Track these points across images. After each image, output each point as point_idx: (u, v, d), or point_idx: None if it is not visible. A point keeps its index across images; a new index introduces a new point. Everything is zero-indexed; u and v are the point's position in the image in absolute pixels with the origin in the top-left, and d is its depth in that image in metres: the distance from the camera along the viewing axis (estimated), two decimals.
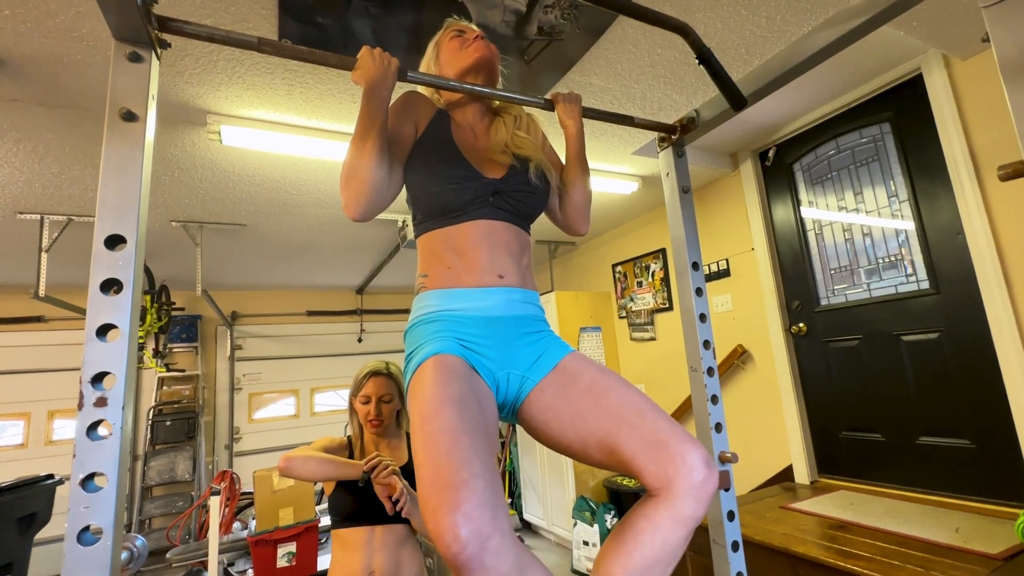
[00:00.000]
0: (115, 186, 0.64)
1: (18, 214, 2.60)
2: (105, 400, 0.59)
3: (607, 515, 3.07)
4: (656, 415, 0.78)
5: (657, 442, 0.74)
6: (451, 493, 0.61)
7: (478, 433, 0.70)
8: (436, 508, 0.61)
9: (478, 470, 0.64)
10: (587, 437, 0.79)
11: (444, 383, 0.74)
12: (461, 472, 0.63)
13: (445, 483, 0.63)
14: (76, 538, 0.55)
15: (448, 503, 0.60)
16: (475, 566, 0.59)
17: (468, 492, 0.61)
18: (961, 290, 2.00)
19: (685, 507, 0.70)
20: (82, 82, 1.65)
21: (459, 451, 0.66)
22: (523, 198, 0.94)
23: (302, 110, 1.92)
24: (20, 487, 1.91)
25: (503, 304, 0.88)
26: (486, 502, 0.61)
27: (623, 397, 0.80)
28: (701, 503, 0.71)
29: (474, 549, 0.59)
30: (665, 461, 0.72)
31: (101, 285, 0.61)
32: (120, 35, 0.67)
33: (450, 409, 0.71)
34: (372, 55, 0.84)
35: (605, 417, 0.78)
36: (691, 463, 0.71)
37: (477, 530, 0.59)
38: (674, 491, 0.71)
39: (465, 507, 0.60)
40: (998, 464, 1.91)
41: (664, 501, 0.71)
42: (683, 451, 0.72)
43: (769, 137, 2.71)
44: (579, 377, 0.84)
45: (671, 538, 0.70)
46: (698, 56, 0.93)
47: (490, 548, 0.59)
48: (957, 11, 1.64)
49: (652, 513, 0.71)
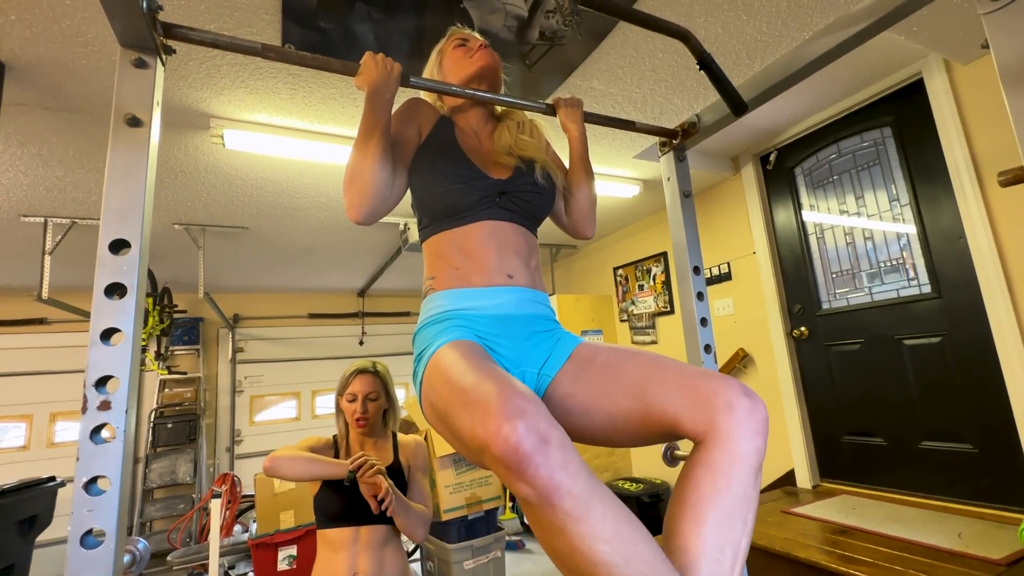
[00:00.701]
0: (120, 191, 0.64)
1: (22, 217, 2.61)
2: (109, 404, 0.59)
3: None
4: (679, 365, 0.74)
5: (687, 387, 0.69)
6: (495, 397, 0.56)
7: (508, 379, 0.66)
8: (483, 416, 0.55)
9: (518, 383, 0.60)
10: (614, 411, 0.75)
11: (465, 348, 0.73)
12: (501, 383, 0.58)
13: (486, 393, 0.57)
14: (79, 541, 0.55)
15: (496, 403, 0.55)
16: (540, 459, 0.51)
17: (514, 392, 0.56)
18: (963, 294, 2.00)
19: (739, 441, 0.63)
20: (87, 87, 1.66)
21: (495, 373, 0.62)
22: (530, 198, 0.94)
23: (305, 114, 1.93)
24: (22, 489, 1.91)
25: (514, 303, 0.87)
26: (537, 402, 0.55)
27: (642, 361, 0.77)
28: (757, 433, 0.64)
29: (535, 440, 0.51)
30: (702, 403, 0.66)
31: (105, 289, 0.62)
32: (126, 41, 0.67)
33: (476, 357, 0.69)
34: (375, 60, 0.85)
35: (628, 385, 0.74)
36: (728, 396, 0.65)
37: (535, 423, 0.52)
38: (720, 429, 0.64)
39: (516, 401, 0.54)
40: (1001, 469, 1.90)
41: (715, 442, 0.64)
42: (716, 387, 0.67)
43: (770, 141, 2.71)
44: (593, 359, 0.82)
45: (736, 479, 0.62)
46: (699, 62, 0.94)
47: (553, 442, 0.52)
48: (958, 16, 1.64)
49: (706, 458, 0.64)
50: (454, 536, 2.36)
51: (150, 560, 0.88)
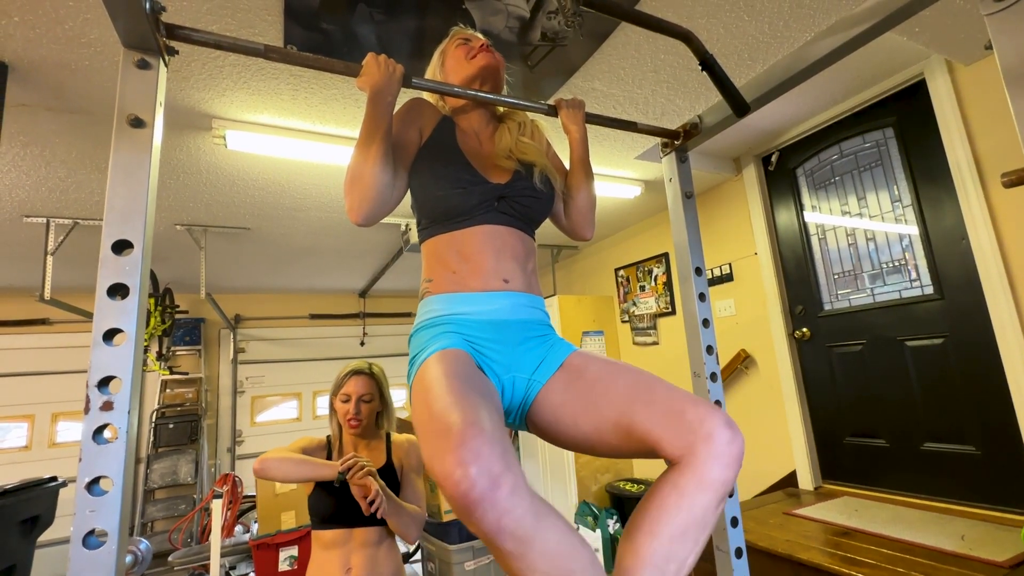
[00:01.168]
0: (123, 192, 0.64)
1: (24, 217, 2.62)
2: (111, 404, 0.59)
3: (609, 520, 3.06)
4: (668, 387, 0.76)
5: (672, 411, 0.71)
6: (456, 434, 0.58)
7: (485, 399, 0.67)
8: (442, 451, 0.57)
9: (484, 417, 0.61)
10: (601, 424, 0.77)
11: (448, 365, 0.73)
12: (467, 416, 0.60)
13: (449, 428, 0.59)
14: (81, 542, 0.55)
15: (453, 442, 0.57)
16: (487, 506, 0.54)
17: (475, 431, 0.58)
18: (965, 295, 1.99)
19: (711, 470, 0.67)
20: (89, 87, 1.66)
21: (464, 403, 0.63)
22: (528, 203, 0.94)
23: (307, 115, 1.94)
24: (23, 489, 1.91)
25: (509, 308, 0.88)
26: (495, 441, 0.57)
27: (632, 378, 0.79)
28: (728, 466, 0.67)
29: (486, 485, 0.54)
30: (684, 428, 0.69)
31: (108, 290, 0.62)
32: (129, 42, 0.67)
33: (454, 379, 0.69)
34: (377, 62, 0.85)
35: (617, 400, 0.76)
36: (711, 426, 0.68)
37: (487, 467, 0.55)
38: (697, 456, 0.67)
39: (473, 443, 0.56)
40: (1004, 470, 1.89)
41: (688, 467, 0.68)
42: (701, 415, 0.69)
43: (772, 142, 2.71)
44: (585, 370, 0.83)
45: (699, 503, 0.66)
46: (701, 63, 0.94)
47: (503, 486, 0.55)
48: (960, 17, 1.64)
49: (676, 479, 0.68)
50: (455, 537, 2.36)
51: (152, 560, 0.89)
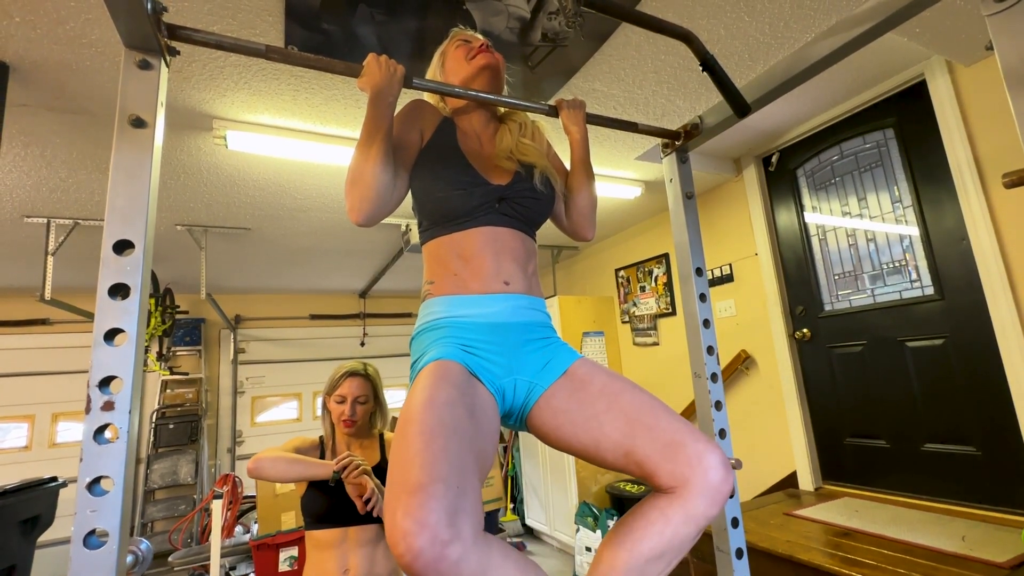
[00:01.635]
0: (124, 192, 0.64)
1: (25, 218, 2.62)
2: (112, 404, 0.59)
3: (609, 521, 3.06)
4: (671, 417, 0.78)
5: (673, 443, 0.74)
6: (408, 497, 0.58)
7: (456, 437, 0.67)
8: (394, 511, 0.58)
9: (444, 474, 0.61)
10: (601, 439, 0.79)
11: (434, 387, 0.73)
12: (423, 475, 0.60)
13: (404, 486, 0.60)
14: (82, 542, 0.55)
15: (403, 507, 0.57)
16: (431, 574, 0.55)
17: (425, 497, 0.58)
18: (966, 296, 1.99)
19: (699, 506, 0.70)
20: (90, 88, 1.67)
21: (429, 453, 0.63)
22: (529, 204, 0.94)
23: (307, 115, 1.94)
24: (23, 489, 1.91)
25: (509, 310, 0.88)
26: (443, 508, 0.58)
27: (636, 399, 0.80)
28: (716, 504, 0.71)
29: (430, 557, 0.55)
30: (682, 461, 0.72)
31: (109, 290, 0.62)
32: (130, 43, 0.68)
33: (432, 412, 0.69)
34: (378, 62, 0.85)
35: (620, 420, 0.78)
36: (708, 464, 0.71)
37: (432, 537, 0.56)
38: (690, 490, 0.71)
39: (420, 512, 0.56)
40: (1004, 471, 1.89)
41: (679, 498, 0.71)
42: (700, 451, 0.72)
43: (772, 142, 2.71)
44: (590, 382, 0.84)
45: (681, 533, 0.71)
46: (702, 63, 0.94)
47: (449, 556, 0.56)
48: (960, 18, 1.64)
49: (665, 507, 0.72)
50: None
51: (152, 561, 0.88)
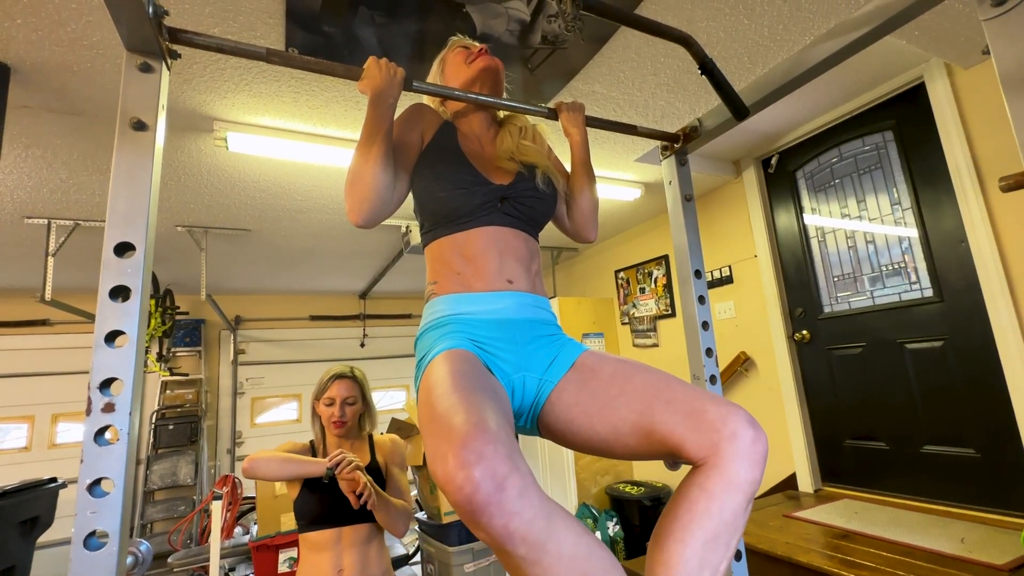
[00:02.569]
0: (125, 194, 0.65)
1: (26, 218, 2.62)
2: (113, 406, 0.59)
3: (609, 522, 3.06)
4: (687, 387, 0.75)
5: (694, 411, 0.70)
6: (459, 435, 0.56)
7: (491, 398, 0.66)
8: (444, 453, 0.55)
9: (490, 417, 0.59)
10: (619, 424, 0.75)
11: (455, 364, 0.72)
12: (470, 416, 0.58)
13: (452, 428, 0.57)
14: (82, 543, 0.56)
15: (456, 443, 0.54)
16: (494, 510, 0.51)
17: (478, 431, 0.55)
18: (965, 298, 1.99)
19: (738, 470, 0.65)
20: (91, 89, 1.67)
21: (469, 403, 0.61)
22: (532, 204, 0.94)
23: (308, 117, 1.94)
24: (23, 490, 1.91)
25: (515, 307, 0.87)
26: (500, 441, 0.55)
27: (649, 377, 0.77)
28: (756, 464, 0.66)
29: (490, 488, 0.51)
30: (707, 428, 0.67)
31: (110, 292, 0.62)
32: (132, 46, 0.68)
33: (459, 377, 0.68)
34: (379, 65, 0.85)
35: (635, 400, 0.75)
36: (735, 425, 0.67)
37: (492, 469, 0.52)
38: (723, 456, 0.66)
39: (476, 444, 0.54)
40: (1003, 473, 1.89)
41: (714, 468, 0.66)
42: (723, 414, 0.68)
43: (772, 144, 2.72)
44: (599, 370, 0.82)
45: (729, 505, 0.64)
46: (700, 67, 0.94)
47: (509, 488, 0.52)
48: (959, 21, 1.64)
49: (703, 481, 0.66)
50: (454, 539, 2.35)
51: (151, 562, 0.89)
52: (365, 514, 1.47)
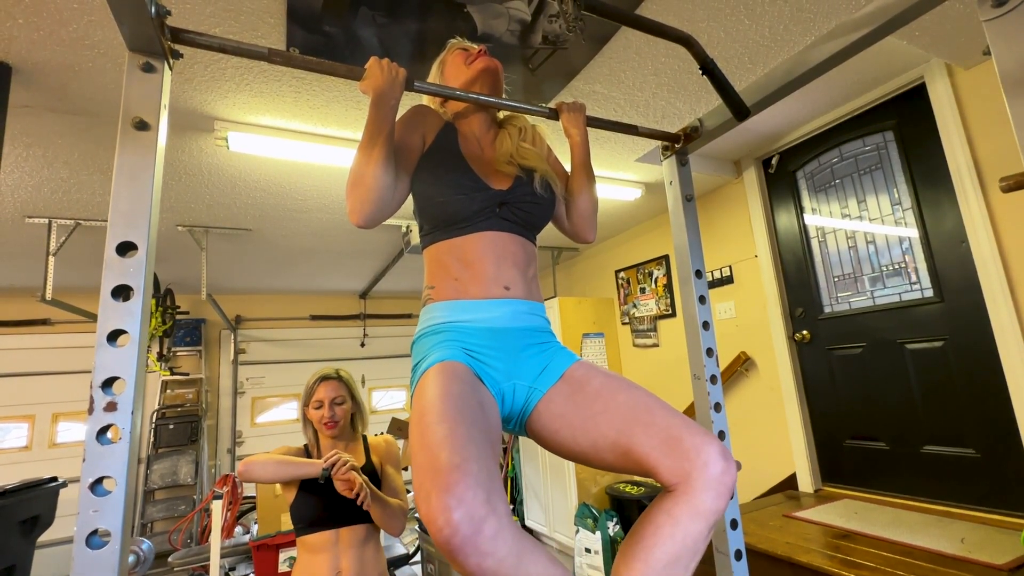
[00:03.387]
0: (127, 194, 0.65)
1: (27, 218, 2.62)
2: (115, 405, 0.59)
3: (609, 522, 3.06)
4: (668, 412, 0.77)
5: (671, 438, 0.73)
6: (442, 476, 0.60)
7: (476, 426, 0.69)
8: (428, 492, 0.59)
9: (472, 455, 0.63)
10: (599, 440, 0.78)
11: (445, 382, 0.74)
12: (453, 456, 0.62)
13: (437, 467, 0.61)
14: (85, 541, 0.56)
15: (439, 485, 0.59)
16: (469, 551, 0.56)
17: (460, 475, 0.59)
18: (965, 298, 1.99)
19: (705, 500, 0.69)
20: (92, 89, 1.67)
21: (454, 438, 0.65)
22: (529, 208, 0.95)
23: (309, 117, 1.94)
24: (23, 490, 1.92)
25: (509, 315, 0.88)
26: (479, 484, 0.59)
27: (633, 397, 0.80)
28: (721, 496, 0.70)
29: (468, 532, 0.56)
30: (680, 456, 0.71)
31: (112, 291, 0.62)
32: (134, 46, 0.68)
33: (448, 402, 0.70)
34: (380, 65, 0.86)
35: (616, 418, 0.78)
36: (707, 456, 0.70)
37: (470, 512, 0.57)
38: (692, 484, 0.70)
39: (457, 489, 0.58)
40: (1004, 473, 1.89)
41: (683, 495, 0.70)
42: (698, 444, 0.71)
43: (772, 145, 2.72)
44: (587, 383, 0.84)
45: (692, 531, 0.69)
46: (701, 67, 0.94)
47: (485, 531, 0.57)
48: (960, 21, 1.65)
49: (671, 507, 0.70)
50: None
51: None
52: (361, 515, 1.48)
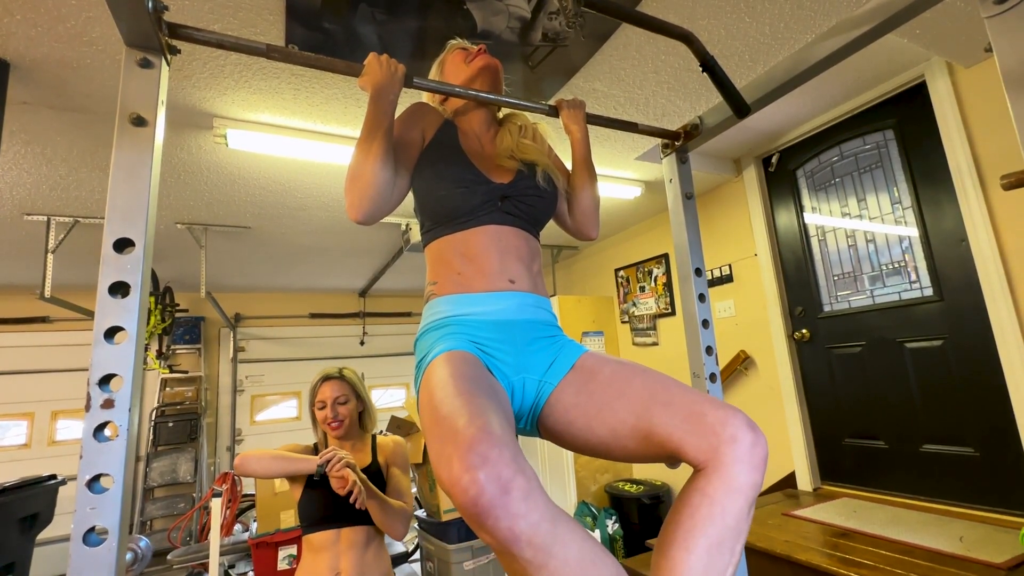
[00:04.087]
0: (124, 190, 0.64)
1: (25, 215, 2.62)
2: (112, 402, 0.59)
3: (608, 520, 3.06)
4: (686, 389, 0.74)
5: (693, 414, 0.69)
6: (463, 438, 0.56)
7: (494, 399, 0.66)
8: (449, 456, 0.55)
9: (493, 421, 0.59)
10: (618, 427, 0.75)
11: (456, 365, 0.72)
12: (474, 420, 0.58)
13: (456, 432, 0.57)
14: (82, 539, 0.56)
15: (461, 447, 0.55)
16: (500, 512, 0.51)
17: (483, 435, 0.56)
18: (965, 297, 1.99)
19: (738, 474, 0.64)
20: (90, 86, 1.67)
21: (472, 406, 0.62)
22: (532, 202, 0.94)
23: (308, 114, 1.94)
24: (23, 487, 1.92)
25: (515, 308, 0.87)
26: (505, 445, 0.55)
27: (648, 379, 0.77)
28: (755, 468, 0.65)
29: (495, 491, 0.51)
30: (706, 431, 0.67)
31: (109, 288, 0.62)
32: (131, 41, 0.68)
33: (461, 381, 0.68)
34: (379, 61, 0.85)
35: (634, 402, 0.75)
36: (734, 428, 0.66)
37: (496, 472, 0.52)
38: (722, 460, 0.65)
39: (480, 447, 0.54)
40: (1002, 472, 1.89)
41: (714, 472, 0.65)
42: (722, 417, 0.67)
43: (772, 143, 2.71)
44: (599, 371, 0.81)
45: (731, 510, 0.64)
46: (702, 64, 0.94)
47: (514, 491, 0.52)
48: (960, 19, 1.64)
49: (704, 486, 0.65)
50: (454, 537, 2.36)
51: (151, 559, 0.89)
52: (364, 516, 1.47)
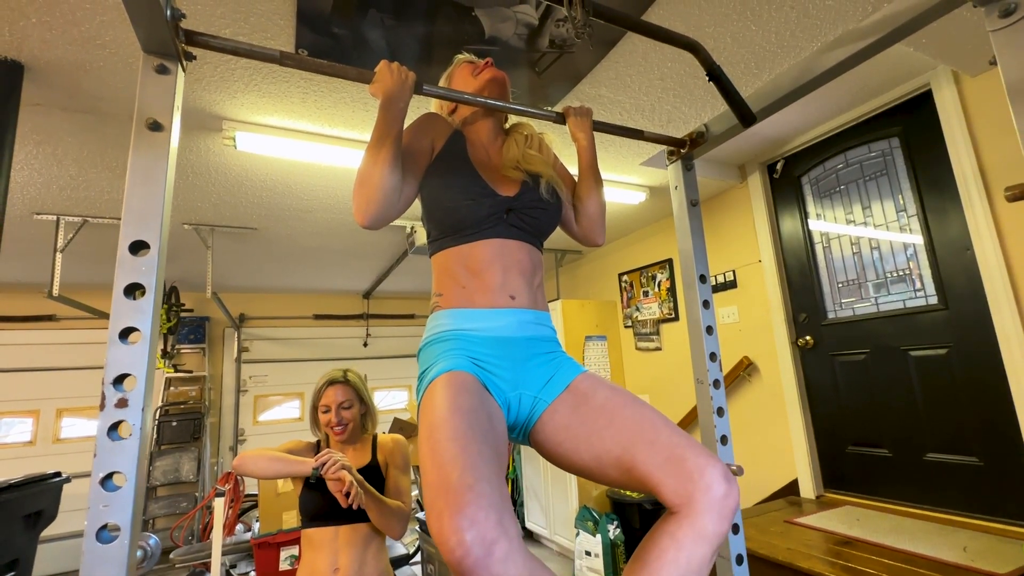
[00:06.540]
0: (140, 193, 0.66)
1: (35, 215, 2.65)
2: (126, 401, 0.60)
3: (610, 525, 3.05)
4: (672, 431, 0.77)
5: (674, 457, 0.73)
6: (455, 496, 0.60)
7: (487, 443, 0.70)
8: (440, 512, 0.60)
9: (484, 475, 0.64)
10: (603, 455, 0.79)
11: (454, 395, 0.75)
12: (466, 476, 0.62)
13: (449, 487, 0.62)
14: (95, 536, 0.57)
15: (452, 506, 0.59)
16: (481, 572, 0.57)
17: (473, 495, 0.60)
18: (970, 306, 1.99)
19: (707, 523, 0.69)
20: (103, 88, 1.69)
21: (465, 456, 0.65)
22: (537, 215, 0.96)
23: (316, 117, 1.95)
24: (27, 484, 1.93)
25: (515, 325, 0.89)
26: (492, 506, 0.60)
27: (637, 414, 0.80)
28: (724, 519, 0.70)
29: (479, 554, 0.57)
30: (684, 477, 0.71)
31: (125, 289, 0.63)
32: (149, 48, 0.69)
33: (459, 418, 0.71)
34: (390, 69, 0.87)
35: (621, 434, 0.78)
36: (710, 478, 0.70)
37: (482, 534, 0.58)
38: (695, 507, 0.70)
39: (469, 510, 0.59)
40: (1007, 482, 1.89)
41: (686, 518, 0.70)
42: (701, 466, 0.71)
43: (777, 150, 2.72)
44: (592, 396, 0.84)
45: (696, 555, 0.69)
46: (708, 73, 0.95)
47: (496, 554, 0.58)
48: (967, 29, 1.65)
49: (675, 530, 0.70)
50: None
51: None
52: (362, 514, 1.48)
